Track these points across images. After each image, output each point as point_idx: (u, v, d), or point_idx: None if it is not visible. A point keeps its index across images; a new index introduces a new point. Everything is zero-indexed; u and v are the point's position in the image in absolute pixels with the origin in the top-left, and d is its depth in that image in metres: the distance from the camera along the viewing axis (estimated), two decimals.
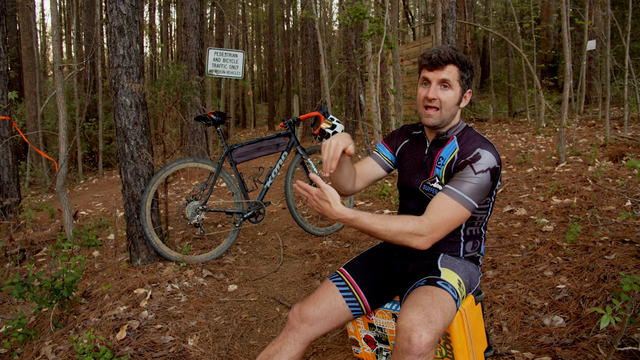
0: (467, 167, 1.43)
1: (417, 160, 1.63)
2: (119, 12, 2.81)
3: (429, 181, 1.55)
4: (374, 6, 7.81)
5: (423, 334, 1.22)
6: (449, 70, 1.48)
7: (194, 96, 3.69)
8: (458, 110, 1.55)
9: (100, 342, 2.02)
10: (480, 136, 1.53)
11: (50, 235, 4.20)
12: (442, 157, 1.55)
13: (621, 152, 4.88)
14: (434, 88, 1.49)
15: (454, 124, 1.57)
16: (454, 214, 1.41)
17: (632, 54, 10.07)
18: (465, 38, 15.01)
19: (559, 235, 2.85)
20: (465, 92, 1.54)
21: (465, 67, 1.50)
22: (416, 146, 1.66)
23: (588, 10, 7.64)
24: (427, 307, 1.29)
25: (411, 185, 1.61)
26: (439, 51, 1.47)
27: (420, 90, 1.53)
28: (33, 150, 8.74)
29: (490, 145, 1.47)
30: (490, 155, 1.44)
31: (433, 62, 1.47)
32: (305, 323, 1.52)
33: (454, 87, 1.49)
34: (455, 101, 1.51)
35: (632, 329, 1.77)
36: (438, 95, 1.49)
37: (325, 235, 3.58)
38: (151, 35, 22.30)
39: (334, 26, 28.16)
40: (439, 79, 1.48)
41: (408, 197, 1.65)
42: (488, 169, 1.42)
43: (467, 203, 1.41)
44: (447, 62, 1.47)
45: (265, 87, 31.16)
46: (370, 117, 5.21)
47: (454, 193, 1.42)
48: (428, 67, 1.50)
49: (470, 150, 1.47)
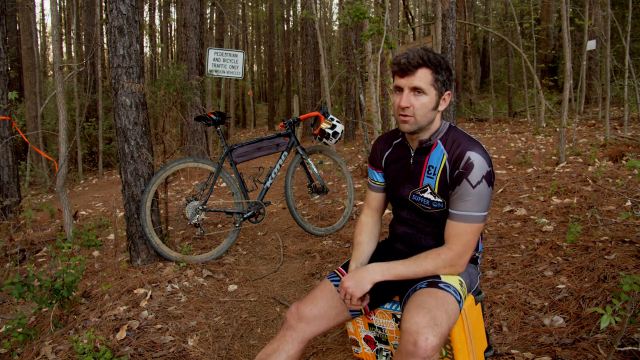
0: (463, 182, 1.39)
1: (404, 170, 1.58)
2: (119, 12, 2.81)
3: (419, 191, 1.52)
4: (374, 6, 7.80)
5: (429, 337, 1.22)
6: (420, 76, 1.40)
7: (194, 96, 3.69)
8: (436, 114, 1.48)
9: (100, 342, 2.02)
10: (465, 135, 1.47)
11: (50, 235, 4.20)
12: (432, 165, 1.49)
13: (621, 152, 4.88)
14: (406, 96, 1.42)
15: (435, 128, 1.50)
16: (472, 234, 1.42)
17: (632, 54, 10.06)
18: (465, 38, 15.00)
19: (559, 235, 2.85)
20: (443, 94, 1.46)
21: (439, 69, 1.41)
22: (400, 155, 1.61)
23: (588, 10, 7.64)
24: (432, 309, 1.29)
25: (400, 195, 1.58)
26: (408, 55, 1.40)
27: (394, 98, 1.46)
28: (33, 150, 8.74)
29: (477, 146, 1.42)
30: (481, 159, 1.39)
31: (403, 68, 1.40)
32: (302, 322, 1.51)
33: (428, 92, 1.41)
34: (431, 106, 1.43)
35: (632, 329, 1.77)
36: (411, 102, 1.41)
37: (325, 235, 3.58)
38: (151, 35, 22.29)
39: (334, 26, 28.17)
40: (410, 85, 1.41)
41: (400, 207, 1.64)
42: (483, 177, 1.38)
43: (478, 218, 1.41)
44: (417, 67, 1.39)
45: (265, 87, 31.16)
46: (370, 117, 5.21)
47: (463, 216, 1.41)
48: (399, 73, 1.43)
49: (460, 157, 1.41)
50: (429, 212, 1.52)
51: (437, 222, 1.53)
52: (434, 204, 1.50)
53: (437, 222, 1.53)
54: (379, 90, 5.91)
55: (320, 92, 13.02)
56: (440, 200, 1.48)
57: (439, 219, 1.52)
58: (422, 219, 1.56)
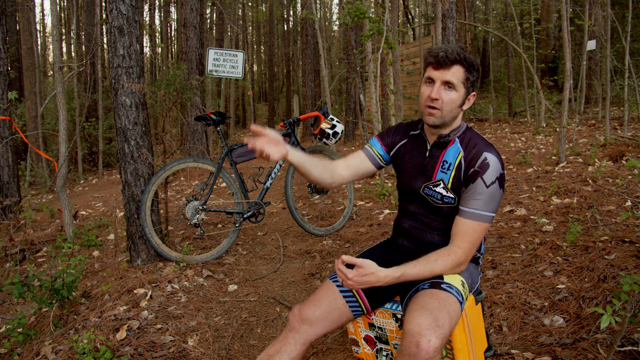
0: (478, 181, 1.42)
1: (418, 162, 1.59)
2: (119, 12, 2.81)
3: (432, 185, 1.53)
4: (374, 6, 7.80)
5: (432, 339, 1.22)
6: (454, 71, 1.43)
7: (194, 96, 3.69)
8: (460, 112, 1.52)
9: (100, 342, 2.02)
10: (481, 138, 1.51)
11: (50, 235, 4.20)
12: (447, 160, 1.51)
13: (621, 152, 4.88)
14: (437, 88, 1.45)
15: (455, 125, 1.53)
16: (480, 233, 1.44)
17: (632, 54, 10.06)
18: (465, 38, 15.01)
19: (559, 235, 2.85)
20: (470, 94, 1.50)
21: (471, 69, 1.45)
22: (416, 147, 1.62)
23: (588, 10, 7.64)
24: (434, 311, 1.29)
25: (412, 188, 1.59)
26: (447, 50, 1.42)
27: (424, 88, 1.49)
28: (33, 150, 8.74)
29: (492, 148, 1.46)
30: (496, 161, 1.43)
31: (440, 61, 1.43)
32: (305, 324, 1.51)
33: (458, 88, 1.45)
34: (458, 103, 1.47)
35: (632, 329, 1.77)
36: (441, 95, 1.44)
37: (325, 235, 3.58)
38: (151, 35, 22.29)
39: (334, 26, 28.16)
40: (443, 79, 1.44)
41: (409, 200, 1.63)
42: (496, 179, 1.42)
43: (487, 218, 1.43)
44: (453, 62, 1.42)
45: (265, 87, 31.15)
46: (370, 117, 5.21)
47: (474, 214, 1.42)
48: (434, 65, 1.45)
49: (476, 156, 1.44)
50: (439, 206, 1.53)
51: (445, 218, 1.54)
52: (446, 199, 1.51)
53: (446, 217, 1.53)
54: (379, 90, 5.90)
55: (320, 92, 13.02)
56: (452, 196, 1.49)
57: (447, 215, 1.52)
58: (430, 213, 1.57)
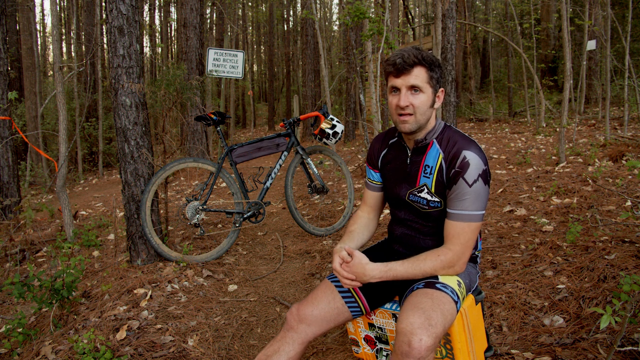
0: (460, 181, 1.40)
1: (401, 170, 1.59)
2: (119, 12, 2.81)
3: (416, 191, 1.53)
4: (374, 6, 7.81)
5: (423, 338, 1.22)
6: (416, 74, 1.41)
7: (194, 96, 3.69)
8: (433, 111, 1.50)
9: (100, 342, 2.02)
10: (460, 134, 1.49)
11: (50, 235, 4.20)
12: (428, 164, 1.50)
13: (621, 152, 4.88)
14: (404, 95, 1.42)
15: (430, 127, 1.51)
16: (471, 233, 1.42)
17: (632, 54, 10.07)
18: (465, 38, 15.01)
19: (559, 235, 2.85)
20: (437, 92, 1.48)
21: (433, 66, 1.43)
22: (397, 155, 1.62)
23: (588, 10, 7.64)
24: (427, 310, 1.29)
25: (397, 195, 1.59)
26: (403, 55, 1.41)
27: (391, 98, 1.47)
28: (33, 150, 8.74)
29: (472, 145, 1.44)
30: (476, 158, 1.41)
31: (399, 68, 1.41)
32: (303, 323, 1.51)
33: (425, 90, 1.43)
34: (429, 104, 1.45)
35: (632, 329, 1.77)
36: (410, 101, 1.42)
37: (325, 235, 3.58)
38: (151, 35, 22.30)
39: (334, 26, 28.16)
40: (407, 84, 1.42)
41: (397, 207, 1.64)
42: (479, 176, 1.40)
43: (476, 217, 1.41)
44: (413, 65, 1.40)
45: (265, 87, 31.17)
46: (370, 117, 5.21)
47: (461, 216, 1.41)
48: (394, 73, 1.43)
49: (456, 156, 1.42)
50: (426, 212, 1.52)
51: (435, 222, 1.53)
52: (432, 204, 1.50)
53: (435, 222, 1.53)
54: (379, 90, 5.91)
55: (320, 92, 13.02)
56: (438, 200, 1.48)
57: (437, 219, 1.52)
58: (420, 219, 1.56)
